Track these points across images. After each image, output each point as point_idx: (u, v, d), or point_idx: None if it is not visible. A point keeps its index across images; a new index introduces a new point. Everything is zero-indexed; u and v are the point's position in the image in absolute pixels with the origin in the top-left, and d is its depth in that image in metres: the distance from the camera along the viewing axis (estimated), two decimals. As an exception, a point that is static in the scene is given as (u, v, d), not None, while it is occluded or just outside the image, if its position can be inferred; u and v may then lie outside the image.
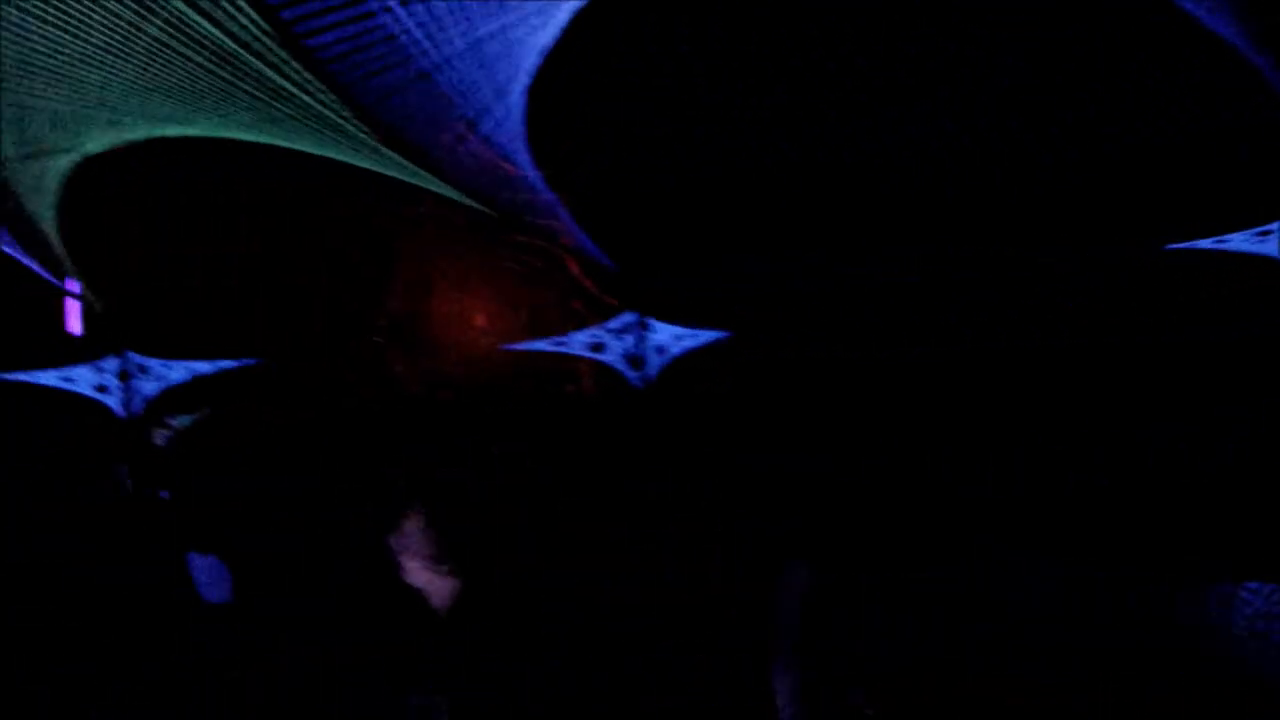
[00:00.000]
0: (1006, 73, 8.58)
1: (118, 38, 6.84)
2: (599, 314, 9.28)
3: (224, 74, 6.90)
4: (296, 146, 7.73)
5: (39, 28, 6.76)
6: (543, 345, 9.36)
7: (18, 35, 6.82)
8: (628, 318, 9.17)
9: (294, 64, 6.67)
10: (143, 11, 6.66)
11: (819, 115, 8.79)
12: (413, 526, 3.21)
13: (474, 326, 10.66)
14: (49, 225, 9.16)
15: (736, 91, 8.56)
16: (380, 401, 9.87)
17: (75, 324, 9.73)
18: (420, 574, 3.19)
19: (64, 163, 8.40)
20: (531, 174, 7.45)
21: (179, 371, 9.72)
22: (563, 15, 6.43)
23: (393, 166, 7.64)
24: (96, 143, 8.21)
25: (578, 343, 9.21)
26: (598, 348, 9.15)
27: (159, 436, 8.57)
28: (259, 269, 10.45)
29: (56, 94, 7.49)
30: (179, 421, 8.50)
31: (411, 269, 10.94)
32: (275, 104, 6.99)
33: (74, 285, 9.73)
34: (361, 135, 7.10)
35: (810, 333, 9.23)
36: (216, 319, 10.17)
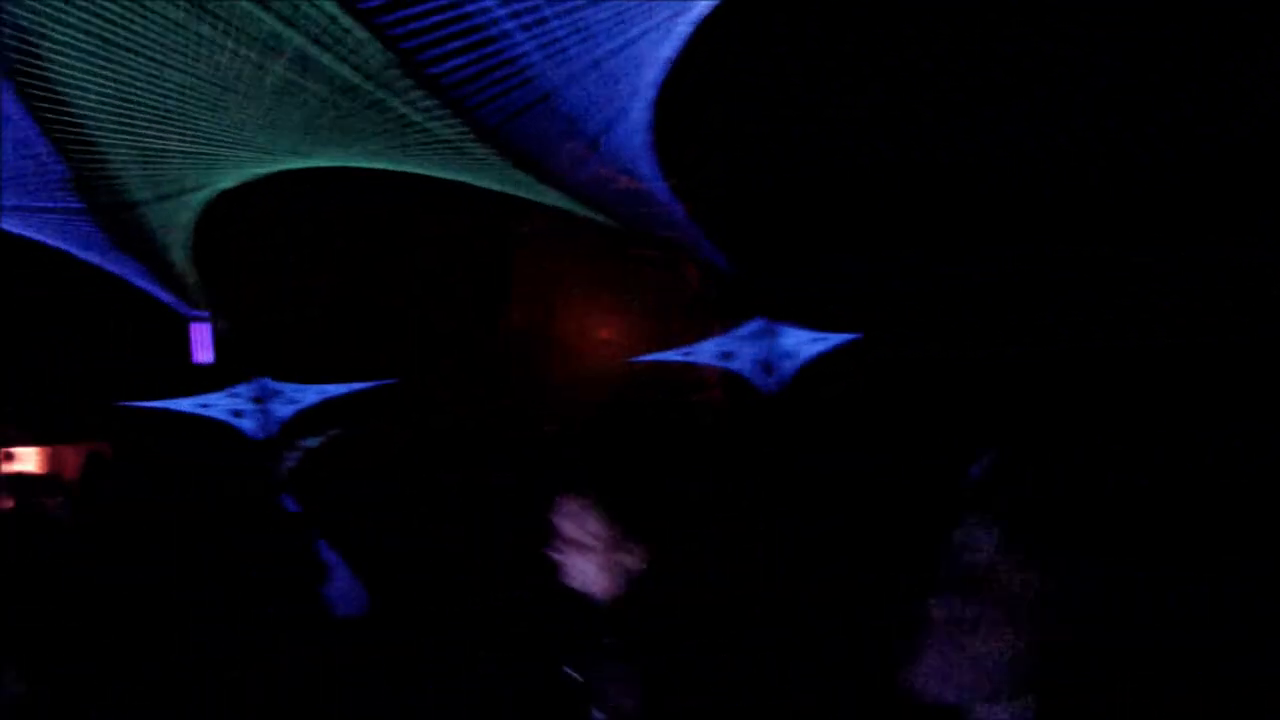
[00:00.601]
0: (1103, 72, 8.47)
1: (245, 80, 6.95)
2: (725, 322, 9.24)
3: (349, 106, 6.94)
4: (420, 171, 7.78)
5: (169, 76, 6.90)
6: (671, 356, 9.31)
7: (149, 86, 6.98)
8: (756, 324, 9.05)
9: (417, 91, 6.71)
10: (268, 52, 6.78)
11: (915, 115, 8.78)
12: (585, 511, 3.01)
13: (599, 341, 10.71)
14: (183, 260, 9.37)
15: (833, 91, 8.57)
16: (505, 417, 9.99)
17: (207, 353, 9.99)
18: (588, 570, 2.99)
19: (197, 200, 8.60)
20: (657, 186, 7.43)
21: (312, 394, 9.91)
22: (684, 26, 6.43)
23: (517, 185, 7.65)
24: (227, 179, 8.38)
25: (706, 352, 9.12)
26: (727, 355, 9.04)
27: (290, 457, 8.72)
28: (385, 292, 10.65)
29: (188, 137, 7.66)
30: (310, 441, 8.64)
31: (534, 286, 11.06)
32: (400, 131, 7.03)
33: (207, 316, 10.00)
34: (487, 157, 7.11)
35: (907, 333, 9.20)
36: (346, 342, 10.38)
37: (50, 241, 8.89)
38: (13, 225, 8.59)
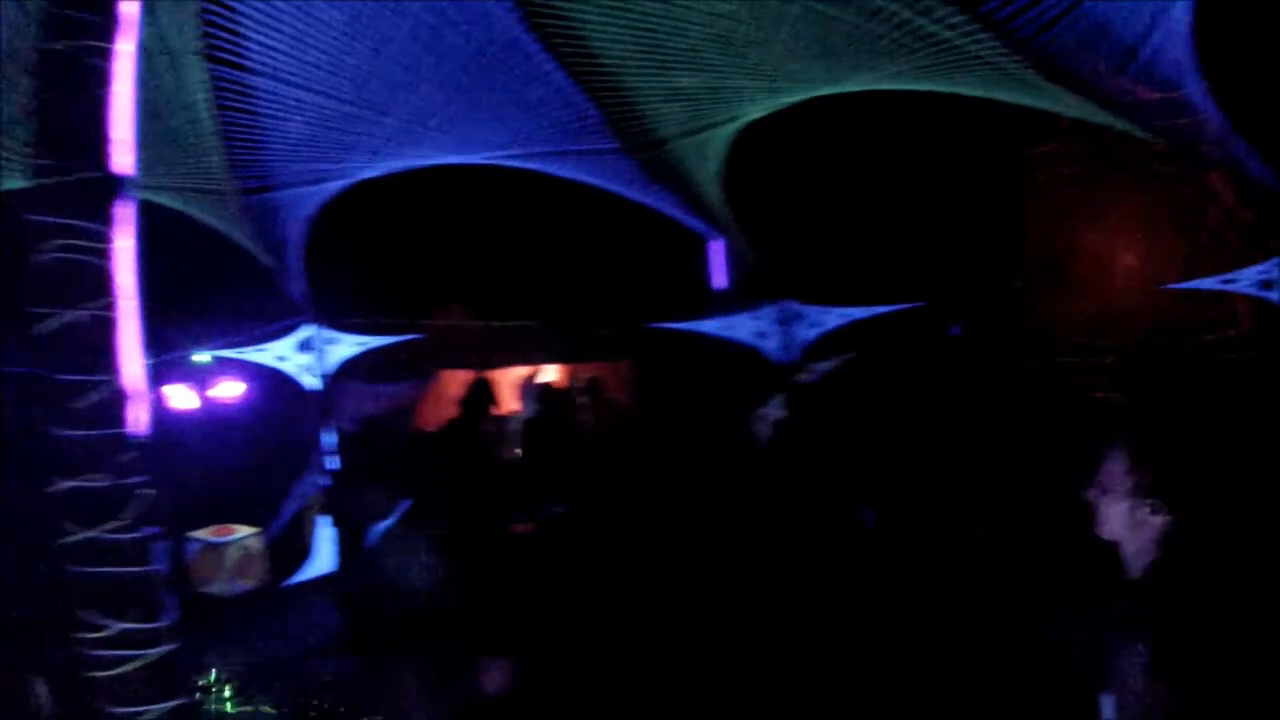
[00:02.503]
0: None
1: (768, 15, 7.22)
2: (1265, 247, 8.30)
3: (875, 30, 6.99)
4: (948, 89, 7.70)
5: (692, 19, 7.32)
6: (1208, 284, 8.45)
7: (674, 32, 7.44)
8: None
9: (945, 9, 6.64)
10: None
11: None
12: (1119, 467, 3.04)
13: (1125, 266, 10.19)
14: (712, 189, 9.95)
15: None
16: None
17: (726, 277, 10.60)
18: (1121, 521, 3.01)
19: (725, 132, 9.08)
20: (1198, 95, 6.92)
21: (834, 317, 10.24)
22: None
23: (1045, 98, 7.47)
24: (755, 111, 8.77)
25: (1247, 279, 8.12)
26: (1269, 284, 8.03)
27: (804, 378, 9.09)
28: (912, 216, 10.80)
29: (712, 75, 8.11)
30: (825, 365, 8.94)
31: (1053, 209, 10.77)
32: (930, 50, 6.95)
33: (728, 242, 10.62)
34: (1017, 71, 6.97)
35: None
36: (872, 267, 10.64)
37: (588, 179, 9.77)
38: (557, 168, 9.55)
